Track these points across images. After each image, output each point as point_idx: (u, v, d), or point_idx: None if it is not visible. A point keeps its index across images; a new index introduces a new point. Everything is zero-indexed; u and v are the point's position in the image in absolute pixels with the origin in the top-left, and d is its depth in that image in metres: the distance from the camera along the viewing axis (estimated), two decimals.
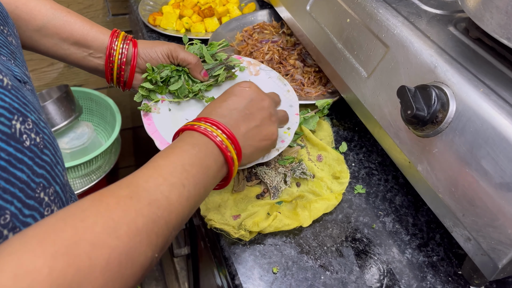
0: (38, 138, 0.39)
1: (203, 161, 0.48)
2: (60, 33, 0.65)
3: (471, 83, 0.55)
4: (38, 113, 0.41)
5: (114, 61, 0.68)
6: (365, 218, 0.67)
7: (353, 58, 0.73)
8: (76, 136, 1.40)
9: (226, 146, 0.50)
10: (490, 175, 0.51)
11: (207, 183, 0.48)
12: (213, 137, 0.50)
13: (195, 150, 0.48)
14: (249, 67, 0.80)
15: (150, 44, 0.71)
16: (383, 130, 0.66)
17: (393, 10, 0.68)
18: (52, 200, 0.39)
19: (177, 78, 0.72)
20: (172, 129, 0.69)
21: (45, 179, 0.38)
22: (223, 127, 0.52)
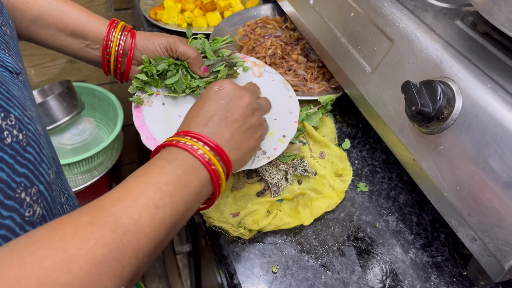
0: (21, 135, 0.37)
1: (182, 177, 0.43)
2: (56, 23, 0.63)
3: (478, 78, 0.53)
4: (23, 108, 0.39)
5: (111, 53, 0.66)
6: (368, 217, 0.65)
7: (357, 53, 0.71)
8: (78, 132, 1.39)
9: (209, 159, 0.46)
10: (497, 174, 0.49)
11: (188, 201, 0.43)
12: (194, 150, 0.46)
13: (172, 166, 0.44)
14: (253, 68, 0.77)
15: (148, 36, 0.69)
16: (387, 126, 0.64)
17: (398, 4, 0.67)
18: (35, 200, 0.37)
19: (174, 72, 0.70)
20: (162, 125, 0.68)
21: (27, 178, 0.36)
22: (206, 138, 0.47)
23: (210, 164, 0.46)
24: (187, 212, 0.44)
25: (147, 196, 0.40)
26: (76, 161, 1.27)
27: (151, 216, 0.39)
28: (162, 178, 0.42)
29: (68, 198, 0.54)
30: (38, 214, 0.38)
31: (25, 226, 0.36)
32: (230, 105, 0.52)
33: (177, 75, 0.70)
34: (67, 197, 0.54)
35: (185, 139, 0.47)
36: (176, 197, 0.42)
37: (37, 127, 0.41)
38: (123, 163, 1.81)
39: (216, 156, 0.47)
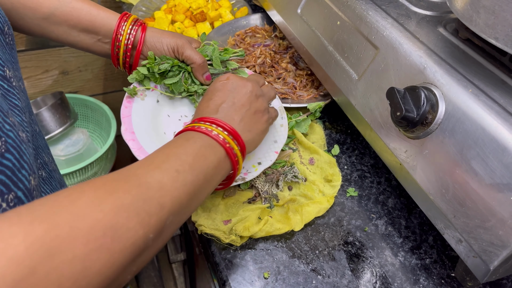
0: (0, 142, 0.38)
1: (199, 151, 0.48)
2: (68, 20, 0.64)
3: (460, 83, 0.55)
4: (3, 115, 0.40)
5: (120, 46, 0.67)
6: (357, 221, 0.66)
7: (344, 60, 0.73)
8: (71, 143, 1.40)
9: (223, 138, 0.51)
10: (480, 176, 0.50)
11: (207, 172, 0.47)
12: (208, 132, 0.51)
13: (189, 142, 0.48)
14: None
15: (159, 33, 0.70)
16: (374, 132, 0.66)
17: (382, 12, 0.68)
18: (12, 207, 0.38)
19: (176, 73, 0.71)
20: (147, 121, 0.69)
21: (3, 185, 0.37)
22: (218, 121, 0.53)
23: (225, 143, 0.51)
24: (207, 183, 0.48)
25: (168, 163, 0.44)
26: (69, 172, 1.27)
27: (173, 178, 0.43)
28: (181, 150, 0.47)
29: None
30: None
31: None
32: (235, 93, 0.57)
33: (178, 76, 0.70)
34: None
35: (199, 124, 0.52)
36: (195, 165, 0.46)
37: (18, 134, 0.41)
38: None
39: (229, 136, 0.52)
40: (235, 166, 0.53)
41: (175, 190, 0.42)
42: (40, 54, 1.37)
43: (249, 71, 0.77)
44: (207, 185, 0.48)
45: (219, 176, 0.51)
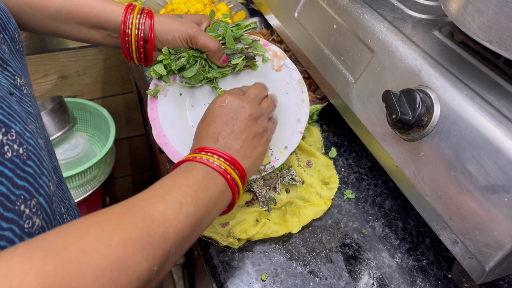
0: (21, 149, 0.38)
1: (202, 182, 0.48)
2: (75, 17, 0.64)
3: (455, 86, 0.55)
4: (24, 123, 0.40)
5: (131, 41, 0.65)
6: (354, 223, 0.67)
7: (340, 63, 0.73)
8: (70, 147, 1.40)
9: (225, 169, 0.51)
10: (475, 178, 0.51)
11: (209, 203, 0.48)
12: (210, 163, 0.51)
13: (192, 173, 0.49)
14: (273, 59, 0.73)
15: (168, 24, 0.66)
16: (370, 134, 0.66)
17: (378, 16, 0.69)
18: (34, 212, 0.38)
19: (192, 64, 0.69)
20: (174, 118, 0.69)
21: (26, 191, 0.38)
22: (219, 152, 0.52)
23: (226, 173, 0.51)
24: (208, 213, 0.48)
25: (171, 195, 0.44)
26: (69, 176, 1.28)
27: (176, 210, 0.43)
28: (184, 181, 0.47)
29: (68, 208, 0.55)
30: (37, 226, 0.39)
31: (24, 237, 0.37)
32: (234, 118, 0.56)
33: (195, 67, 0.68)
34: (68, 207, 0.55)
35: (201, 154, 0.52)
36: (197, 197, 0.46)
37: (38, 141, 0.42)
38: (116, 176, 1.82)
39: (231, 166, 0.52)
40: (235, 196, 0.53)
41: (178, 223, 0.43)
42: (39, 58, 1.38)
43: (265, 42, 0.73)
44: (208, 216, 0.48)
45: (220, 206, 0.51)
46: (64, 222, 0.52)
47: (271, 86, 0.70)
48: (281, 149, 0.68)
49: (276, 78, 0.72)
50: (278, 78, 0.72)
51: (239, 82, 0.73)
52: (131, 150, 1.78)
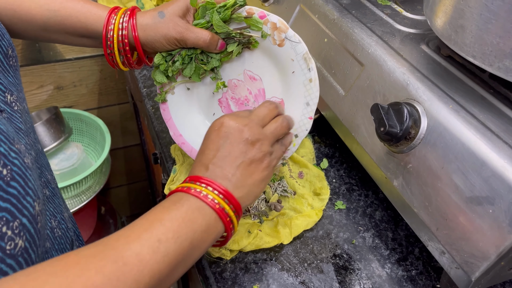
0: (5, 170, 0.38)
1: (186, 215, 0.45)
2: (63, 28, 0.63)
3: (441, 100, 0.56)
4: (10, 143, 0.40)
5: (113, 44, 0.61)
6: (345, 234, 0.68)
7: (331, 76, 0.75)
8: (65, 157, 1.41)
9: (212, 199, 0.47)
10: (461, 190, 0.52)
11: (194, 238, 0.44)
12: (197, 193, 0.47)
13: (176, 205, 0.46)
14: (274, 33, 0.64)
15: (152, 30, 0.61)
16: (360, 146, 0.67)
17: (367, 30, 0.70)
18: (17, 234, 0.38)
19: (188, 62, 0.65)
20: (186, 114, 0.70)
21: (9, 213, 0.37)
22: (208, 181, 0.49)
23: (214, 204, 0.47)
24: (193, 249, 0.45)
25: (150, 231, 0.42)
26: (64, 186, 1.28)
27: (154, 249, 0.40)
28: (166, 215, 0.44)
29: (60, 222, 0.55)
30: (20, 247, 0.39)
31: (6, 259, 0.37)
32: (228, 143, 0.52)
33: (193, 64, 0.65)
34: (59, 221, 0.55)
35: (189, 184, 0.49)
36: (180, 233, 0.43)
37: (24, 160, 0.42)
38: (111, 186, 1.82)
39: (219, 196, 0.48)
40: (228, 227, 0.49)
41: (154, 263, 0.40)
42: (35, 69, 1.39)
43: (261, 11, 0.63)
44: (194, 251, 0.45)
45: (209, 239, 0.47)
46: (54, 236, 0.52)
47: (276, 65, 0.66)
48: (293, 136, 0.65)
49: (280, 55, 0.64)
50: (281, 55, 0.64)
51: (241, 64, 0.68)
52: (127, 160, 1.79)
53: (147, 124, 1.06)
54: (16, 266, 0.38)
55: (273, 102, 0.59)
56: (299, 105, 0.65)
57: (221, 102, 0.71)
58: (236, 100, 0.70)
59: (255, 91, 0.68)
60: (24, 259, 0.39)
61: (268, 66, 0.66)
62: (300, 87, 0.64)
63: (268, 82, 0.67)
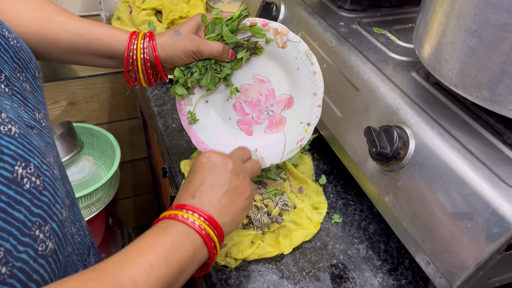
0: (39, 181, 0.43)
1: (175, 241, 0.48)
2: (88, 50, 0.68)
3: (428, 124, 0.62)
4: (42, 157, 0.46)
5: (137, 65, 0.68)
6: (341, 245, 0.73)
7: (329, 99, 0.81)
8: (77, 170, 1.47)
9: (199, 225, 0.50)
10: (444, 206, 0.57)
11: (182, 262, 0.47)
12: (184, 219, 0.50)
13: (166, 231, 0.49)
14: (276, 37, 0.72)
15: (170, 47, 0.68)
16: (355, 165, 0.73)
17: (363, 57, 0.77)
18: (48, 237, 0.43)
19: (204, 72, 0.72)
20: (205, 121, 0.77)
21: (41, 218, 0.42)
22: (195, 208, 0.52)
23: (201, 229, 0.50)
24: (182, 273, 0.48)
25: (142, 257, 0.45)
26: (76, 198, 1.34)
27: (147, 274, 0.43)
28: (156, 241, 0.47)
29: (78, 229, 0.61)
30: (50, 249, 0.44)
31: (38, 259, 0.42)
32: (214, 173, 0.56)
33: (208, 74, 0.72)
34: (78, 228, 0.61)
35: (176, 211, 0.52)
36: (169, 258, 0.46)
37: (53, 172, 0.47)
38: (119, 198, 1.88)
39: (205, 222, 0.51)
40: (212, 252, 0.51)
41: (148, 286, 0.43)
42: (51, 86, 1.46)
43: (263, 20, 0.72)
44: (182, 275, 0.48)
45: (195, 264, 0.50)
46: (74, 241, 0.58)
47: (281, 65, 0.73)
48: (304, 126, 0.72)
49: (284, 56, 0.73)
50: (285, 55, 0.72)
51: (250, 70, 0.76)
52: (134, 172, 1.85)
53: (156, 139, 1.12)
54: (46, 266, 0.43)
55: (244, 148, 0.66)
56: (308, 96, 0.72)
57: (236, 107, 0.78)
58: (249, 102, 0.77)
59: (265, 91, 0.76)
60: (53, 259, 0.44)
61: (274, 68, 0.75)
62: (306, 80, 0.72)
63: (276, 82, 0.75)
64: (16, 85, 0.52)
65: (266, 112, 0.77)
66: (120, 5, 1.32)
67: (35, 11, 0.66)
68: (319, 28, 0.86)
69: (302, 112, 0.74)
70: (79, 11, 1.37)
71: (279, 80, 0.75)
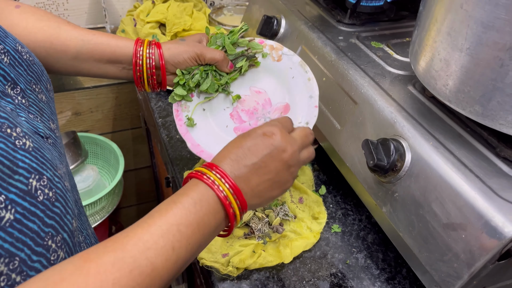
0: (51, 193, 0.44)
1: (202, 220, 0.48)
2: (93, 56, 0.71)
3: (424, 137, 0.64)
4: (54, 169, 0.47)
5: (142, 70, 0.72)
6: (340, 255, 0.75)
7: (329, 111, 0.83)
8: (82, 179, 1.49)
9: (230, 202, 0.49)
10: (439, 217, 0.59)
11: (202, 241, 0.48)
12: (219, 191, 0.49)
13: (196, 208, 0.48)
14: (272, 52, 0.78)
15: (175, 48, 0.73)
16: (354, 176, 0.75)
17: (361, 71, 0.79)
18: (59, 247, 0.44)
19: (205, 77, 0.76)
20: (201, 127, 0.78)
21: (53, 229, 0.44)
22: (230, 181, 0.50)
23: (230, 207, 0.50)
24: (198, 251, 0.49)
25: (166, 238, 0.44)
26: None
27: (167, 257, 0.44)
28: (184, 220, 0.46)
29: (86, 237, 0.62)
30: (61, 258, 0.45)
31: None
32: (269, 155, 0.53)
33: (208, 79, 0.76)
34: (85, 236, 0.62)
35: (214, 176, 0.50)
36: (193, 239, 0.47)
37: (65, 184, 0.49)
38: (122, 206, 1.90)
39: (236, 200, 0.50)
40: (232, 226, 0.52)
41: (165, 272, 0.43)
42: (56, 97, 1.49)
43: (260, 40, 0.79)
44: (198, 253, 0.49)
45: (211, 239, 0.50)
46: (81, 249, 0.59)
47: (277, 77, 0.78)
48: (303, 125, 0.73)
49: (279, 68, 0.78)
50: (281, 67, 0.78)
51: (248, 81, 0.80)
52: (137, 181, 1.87)
53: (160, 149, 1.15)
54: None
55: (311, 131, 0.62)
56: (304, 99, 0.75)
57: (233, 115, 0.80)
58: (246, 111, 0.79)
59: (262, 101, 0.79)
60: None
61: (270, 80, 0.79)
62: (301, 86, 0.76)
63: (272, 92, 0.79)
64: (31, 96, 0.54)
65: (263, 119, 0.79)
66: (125, 18, 1.35)
67: (43, 21, 0.70)
68: (319, 42, 0.88)
69: (300, 114, 0.76)
70: (85, 23, 1.40)
71: (274, 91, 0.79)
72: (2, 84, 0.51)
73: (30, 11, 0.70)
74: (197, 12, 1.34)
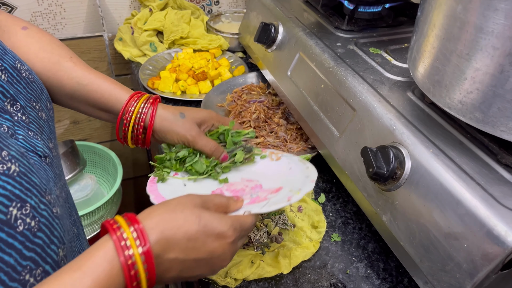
0: (33, 222, 0.42)
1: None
2: (87, 100, 0.69)
3: (423, 144, 0.63)
4: (40, 195, 0.44)
5: (128, 127, 0.68)
6: (340, 264, 0.74)
7: (327, 119, 0.82)
8: (80, 188, 1.48)
9: (135, 272, 0.43)
10: (440, 225, 0.58)
11: None
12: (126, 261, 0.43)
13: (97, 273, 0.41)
14: (271, 155, 0.75)
15: (169, 123, 0.69)
16: (353, 184, 0.74)
17: (359, 78, 0.78)
18: (39, 280, 0.41)
19: (193, 157, 0.70)
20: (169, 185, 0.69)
21: (33, 262, 0.41)
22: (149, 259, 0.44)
23: (134, 279, 0.43)
24: None
25: None
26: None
27: None
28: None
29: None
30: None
31: None
32: (203, 239, 0.49)
33: (197, 157, 0.70)
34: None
35: (130, 234, 0.45)
36: None
37: (52, 211, 0.45)
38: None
39: (146, 272, 0.44)
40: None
41: None
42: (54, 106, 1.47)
43: (263, 149, 0.76)
44: None
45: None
46: None
47: (273, 171, 0.72)
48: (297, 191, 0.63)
49: (277, 163, 0.73)
50: (279, 164, 0.73)
51: (240, 173, 0.73)
52: (136, 190, 1.86)
53: None
54: None
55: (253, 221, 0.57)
56: (301, 178, 0.67)
57: (214, 192, 0.69)
58: (231, 191, 0.68)
59: (252, 185, 0.69)
60: None
61: (265, 173, 0.72)
62: (298, 174, 0.68)
63: (264, 181, 0.70)
64: (31, 114, 0.53)
65: (249, 195, 0.66)
66: (122, 26, 1.35)
67: (46, 52, 0.68)
68: (317, 49, 0.88)
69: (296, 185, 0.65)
70: (82, 32, 1.40)
71: (268, 180, 0.70)
72: (1, 100, 0.49)
73: (36, 37, 0.68)
74: (195, 19, 1.33)
